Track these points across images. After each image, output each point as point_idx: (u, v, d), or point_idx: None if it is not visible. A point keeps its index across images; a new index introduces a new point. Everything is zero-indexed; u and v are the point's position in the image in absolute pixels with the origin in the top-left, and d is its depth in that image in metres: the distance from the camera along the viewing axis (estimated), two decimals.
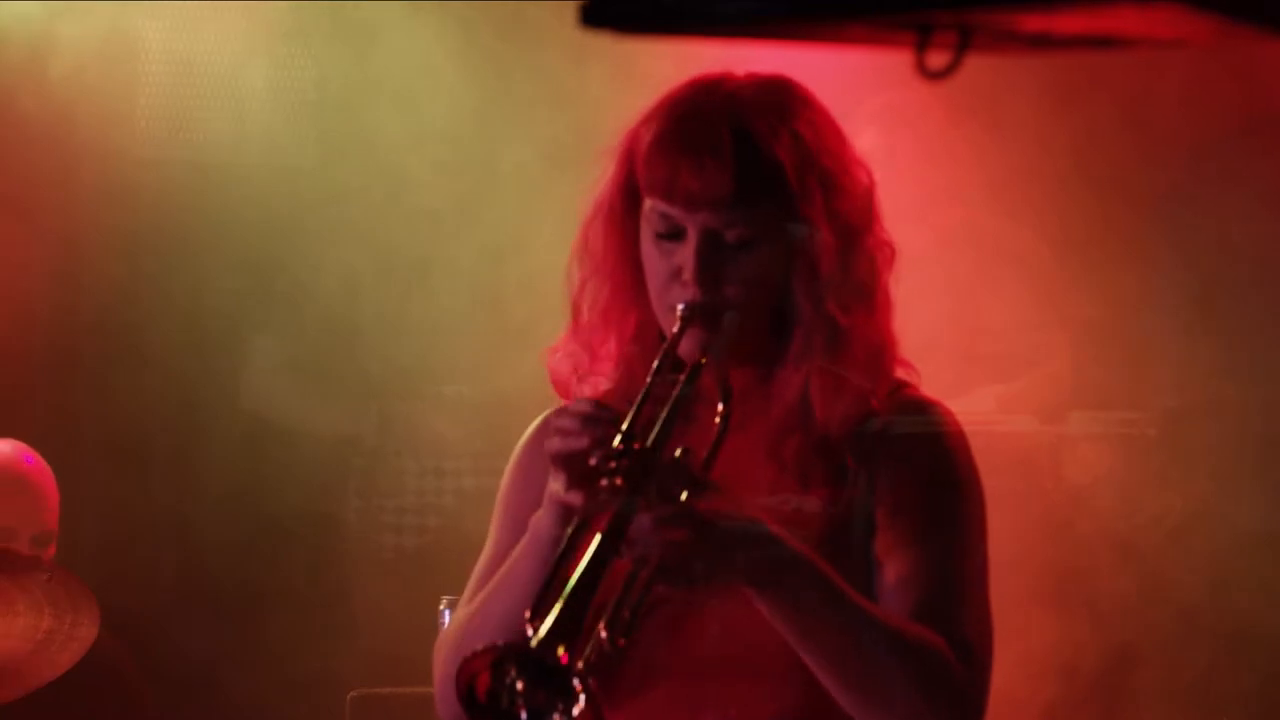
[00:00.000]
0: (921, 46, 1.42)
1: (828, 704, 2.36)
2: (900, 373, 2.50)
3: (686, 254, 2.42)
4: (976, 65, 1.46)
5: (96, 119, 5.14)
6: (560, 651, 2.19)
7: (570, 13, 1.49)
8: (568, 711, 2.19)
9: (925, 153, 4.50)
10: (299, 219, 5.15)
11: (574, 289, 2.53)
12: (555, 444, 2.33)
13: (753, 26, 1.42)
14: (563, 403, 2.48)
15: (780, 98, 2.45)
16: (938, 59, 1.43)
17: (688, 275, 2.41)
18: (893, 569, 2.39)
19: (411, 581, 4.92)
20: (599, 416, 2.32)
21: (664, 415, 2.33)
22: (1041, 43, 1.41)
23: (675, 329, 2.41)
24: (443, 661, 2.49)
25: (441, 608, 3.50)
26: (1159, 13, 1.33)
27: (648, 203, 2.46)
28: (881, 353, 2.47)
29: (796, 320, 2.44)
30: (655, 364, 2.39)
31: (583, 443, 2.30)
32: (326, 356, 5.12)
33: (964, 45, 1.40)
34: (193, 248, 5.19)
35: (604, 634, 2.24)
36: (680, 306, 2.41)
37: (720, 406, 2.38)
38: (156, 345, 5.22)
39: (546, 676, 2.20)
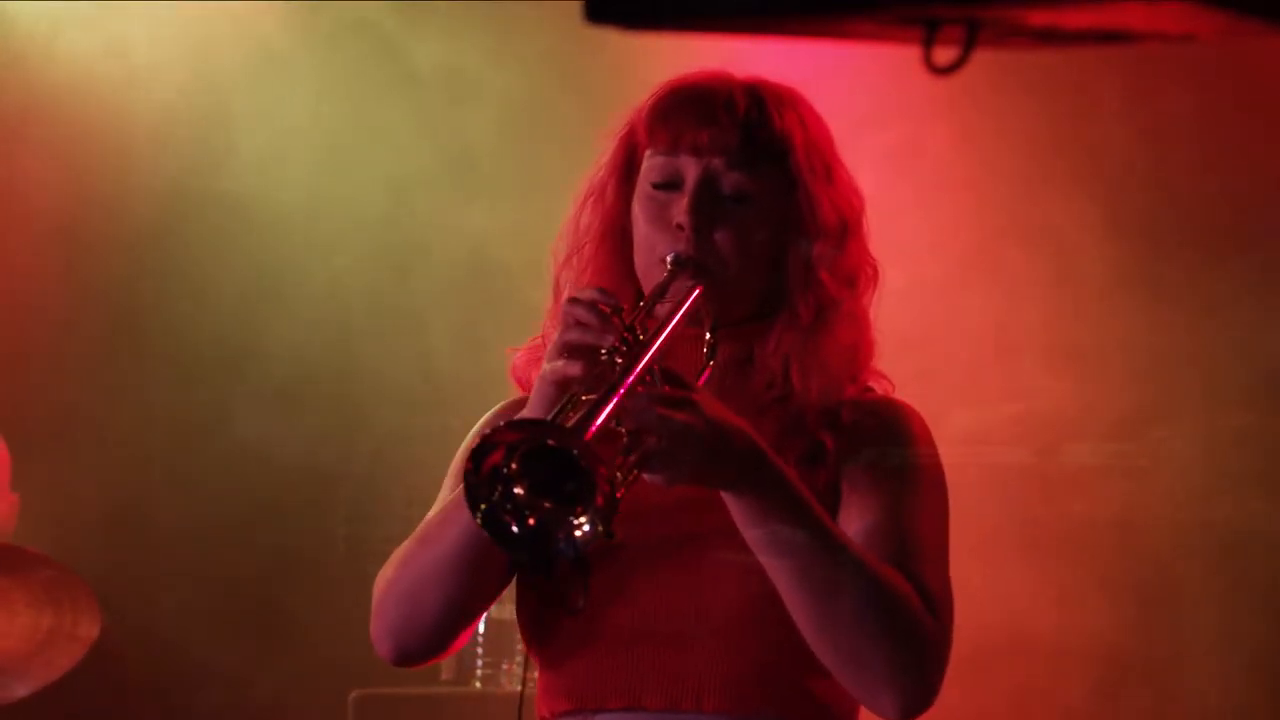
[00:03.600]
0: (928, 42, 1.42)
1: (778, 669, 2.36)
2: (873, 382, 2.51)
3: (681, 202, 2.41)
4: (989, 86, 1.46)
5: (102, 136, 5.14)
6: (590, 435, 2.08)
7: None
8: (587, 506, 2.10)
9: (924, 191, 4.52)
10: (294, 249, 5.15)
11: (556, 266, 2.51)
12: (572, 333, 2.27)
13: (758, 21, 1.42)
14: (520, 394, 2.48)
15: (792, 93, 2.50)
16: (944, 55, 1.42)
17: (681, 219, 2.40)
18: (858, 531, 2.36)
19: None
20: (611, 304, 2.28)
21: (660, 330, 2.29)
22: (1049, 38, 1.41)
23: (662, 279, 2.39)
24: (384, 578, 2.43)
25: None
26: (1166, 8, 1.33)
27: (647, 157, 2.46)
28: (861, 341, 2.47)
29: (786, 291, 2.44)
30: (640, 304, 2.36)
31: (594, 326, 2.25)
32: (318, 388, 5.14)
33: (971, 41, 1.40)
34: (190, 275, 5.20)
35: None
36: (670, 256, 2.40)
37: (706, 363, 2.36)
38: (158, 362, 5.22)
39: (568, 467, 2.10)
